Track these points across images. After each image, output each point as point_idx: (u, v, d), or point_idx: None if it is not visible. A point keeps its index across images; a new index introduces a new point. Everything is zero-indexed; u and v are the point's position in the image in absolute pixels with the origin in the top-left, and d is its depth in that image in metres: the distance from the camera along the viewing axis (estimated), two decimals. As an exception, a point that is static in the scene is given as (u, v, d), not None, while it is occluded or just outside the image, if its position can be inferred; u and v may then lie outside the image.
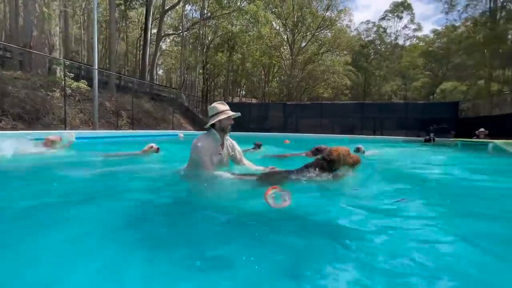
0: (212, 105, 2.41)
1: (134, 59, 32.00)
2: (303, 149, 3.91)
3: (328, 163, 2.09)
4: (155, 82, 25.05)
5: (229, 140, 2.53)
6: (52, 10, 10.75)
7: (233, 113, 2.39)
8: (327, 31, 30.13)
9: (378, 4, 65.73)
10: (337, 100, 32.93)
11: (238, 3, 24.92)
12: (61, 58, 11.56)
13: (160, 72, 44.69)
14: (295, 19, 27.78)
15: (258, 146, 4.60)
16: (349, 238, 1.14)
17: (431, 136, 10.34)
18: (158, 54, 27.67)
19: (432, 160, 4.20)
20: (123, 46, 32.22)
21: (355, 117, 17.32)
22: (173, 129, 15.69)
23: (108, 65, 24.44)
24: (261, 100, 34.89)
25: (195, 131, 16.97)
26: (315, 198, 1.77)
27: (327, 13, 28.30)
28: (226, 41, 27.44)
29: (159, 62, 37.36)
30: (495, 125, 12.12)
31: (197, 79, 28.20)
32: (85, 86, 10.90)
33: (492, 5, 23.70)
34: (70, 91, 10.62)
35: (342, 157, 2.10)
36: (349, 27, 34.64)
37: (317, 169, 2.09)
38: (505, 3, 23.36)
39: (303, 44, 29.34)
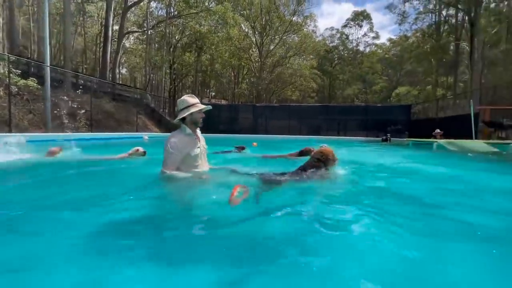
0: (182, 98, 2.34)
1: (94, 57, 29.85)
2: (271, 151, 4.09)
3: (324, 163, 2.33)
4: (117, 82, 23.61)
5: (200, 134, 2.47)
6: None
7: (204, 106, 2.33)
8: (294, 35, 31.08)
9: (341, 12, 69.58)
10: (304, 102, 34.14)
11: (206, 3, 24.59)
12: (5, 53, 10.35)
13: (124, 71, 42.24)
14: (263, 22, 28.22)
15: (241, 148, 4.71)
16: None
17: (388, 136, 11.23)
18: (121, 52, 26.11)
19: (386, 156, 4.57)
20: (81, 42, 29.87)
21: (321, 119, 18.15)
22: (137, 131, 14.93)
23: (63, 62, 22.44)
24: (231, 101, 34.76)
25: (162, 133, 16.32)
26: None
27: (294, 18, 29.19)
28: (194, 41, 26.85)
29: (122, 61, 35.30)
30: (439, 126, 13.52)
31: (163, 79, 27.18)
32: (35, 85, 9.88)
33: (437, 19, 26.49)
34: (16, 89, 9.54)
35: (332, 156, 2.38)
36: (315, 32, 36.14)
37: (314, 169, 2.30)
38: (447, 18, 26.27)
39: (272, 47, 29.89)
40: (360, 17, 37.57)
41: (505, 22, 21.32)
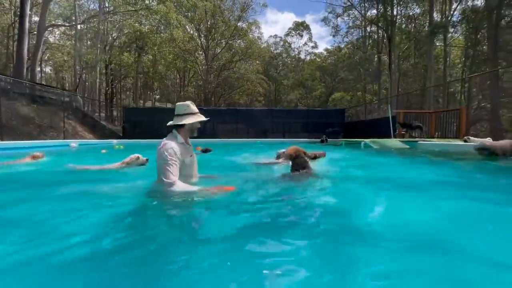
0: (185, 103, 2.22)
1: (6, 51, 25.12)
2: (217, 154, 4.15)
3: (313, 159, 2.79)
4: (38, 81, 20.31)
5: None
6: None
7: (204, 117, 2.24)
8: (240, 40, 31.56)
9: (284, 21, 73.52)
10: (252, 106, 34.85)
11: (146, 1, 23.11)
12: None
13: (48, 69, 36.62)
14: (209, 26, 27.93)
15: (207, 151, 4.75)
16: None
17: (324, 137, 12.26)
18: (43, 47, 22.61)
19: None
20: (-14, 33, 24.86)
21: (267, 122, 18.75)
22: (65, 138, 13.05)
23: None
24: (177, 105, 33.25)
25: (97, 140, 14.63)
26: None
27: (239, 24, 29.65)
28: (134, 41, 24.97)
29: (45, 58, 30.57)
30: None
31: (98, 80, 24.48)
32: None
33: (363, 33, 30.26)
34: None
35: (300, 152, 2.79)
36: (260, 39, 37.37)
37: (305, 168, 2.60)
38: (371, 34, 30.22)
39: (218, 50, 29.79)
40: (300, 27, 40.32)
41: (413, 40, 25.57)
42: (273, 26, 71.86)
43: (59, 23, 24.94)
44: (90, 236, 1.27)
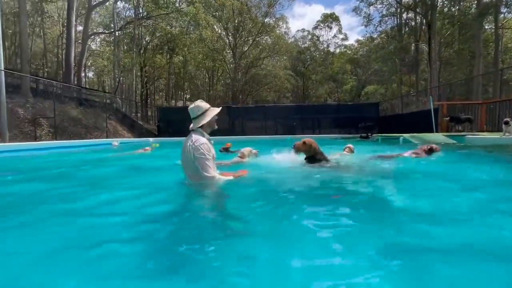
0: (196, 104, 2.30)
1: (56, 60, 27.89)
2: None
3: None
4: (83, 86, 22.27)
5: None
6: None
7: (218, 108, 2.35)
8: (267, 37, 31.44)
9: (312, 14, 71.50)
10: (279, 102, 34.63)
11: (177, 4, 24.05)
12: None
13: (91, 74, 39.93)
14: (236, 24, 28.22)
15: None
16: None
17: (368, 134, 11.59)
18: (87, 54, 24.68)
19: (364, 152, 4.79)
20: (39, 44, 27.77)
21: (296, 118, 18.52)
22: (107, 137, 14.19)
23: (20, 66, 20.66)
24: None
25: (135, 139, 15.68)
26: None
27: (266, 20, 29.54)
28: (165, 43, 26.13)
29: (88, 64, 33.36)
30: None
31: (134, 82, 26.12)
32: (-12, 91, 8.97)
33: (398, 21, 28.29)
34: (-35, 96, 8.62)
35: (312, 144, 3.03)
36: (287, 34, 36.87)
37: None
38: (408, 21, 28.17)
39: (245, 48, 29.99)
40: (329, 19, 38.98)
41: (457, 25, 23.33)
42: (300, 20, 70.39)
43: (100, 31, 27.04)
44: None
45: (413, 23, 27.34)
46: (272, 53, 31.65)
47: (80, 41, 21.65)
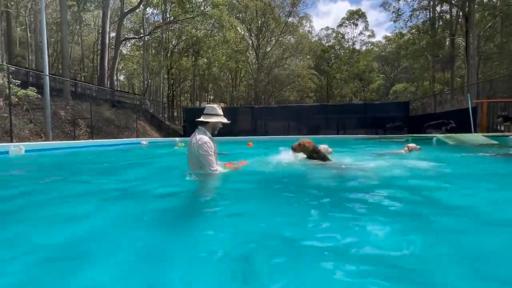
0: (213, 105, 2.69)
1: (92, 64, 29.96)
2: (267, 149, 4.38)
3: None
4: (116, 88, 23.69)
5: None
6: (-9, 10, 9.65)
7: (227, 120, 2.74)
8: (290, 36, 31.23)
9: (337, 11, 69.90)
10: (302, 102, 34.22)
11: (202, 8, 24.73)
12: (4, 64, 10.40)
13: (122, 77, 42.30)
14: (259, 24, 28.37)
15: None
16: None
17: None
18: (118, 58, 26.22)
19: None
20: (78, 50, 30.00)
21: (319, 118, 18.19)
22: (137, 137, 14.97)
23: (61, 71, 22.48)
24: (229, 104, 34.83)
25: (163, 138, 16.37)
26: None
27: (289, 19, 29.36)
28: (191, 46, 26.98)
29: (120, 67, 35.40)
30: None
31: (161, 84, 27.25)
32: (35, 94, 9.90)
33: (431, 15, 26.65)
34: (16, 99, 9.58)
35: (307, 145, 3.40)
36: (311, 33, 36.35)
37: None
38: (442, 14, 26.44)
39: (268, 49, 30.04)
40: (355, 16, 37.77)
41: (499, 16, 21.46)
42: (324, 18, 69.04)
43: (131, 36, 28.56)
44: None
45: (448, 16, 25.61)
46: (295, 53, 31.39)
47: (113, 46, 23.08)
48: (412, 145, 4.41)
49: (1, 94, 9.47)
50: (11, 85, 9.10)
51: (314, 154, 3.30)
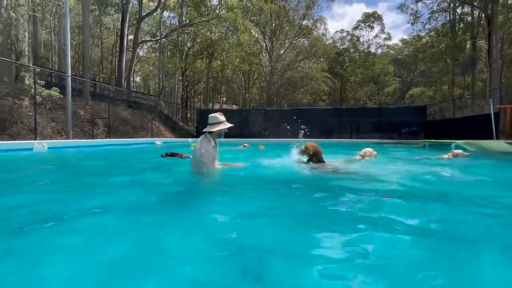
0: (214, 115, 3.03)
1: (110, 66, 31.00)
2: (277, 152, 4.50)
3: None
4: (132, 89, 24.42)
5: None
6: (20, 14, 10.25)
7: (230, 124, 3.05)
8: (304, 39, 31.15)
9: (353, 13, 69.11)
10: (316, 105, 33.96)
11: (217, 11, 25.15)
12: (31, 65, 10.99)
13: (138, 79, 43.50)
14: (273, 27, 28.49)
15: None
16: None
17: None
18: (135, 60, 27.06)
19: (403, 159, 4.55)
20: (97, 52, 31.17)
21: (333, 122, 18.02)
22: (152, 137, 15.35)
23: (81, 72, 23.45)
24: (242, 106, 35.11)
25: (176, 138, 16.70)
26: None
27: (303, 22, 29.32)
28: (205, 48, 27.46)
29: (136, 69, 36.47)
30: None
31: (176, 86, 27.84)
32: (57, 94, 10.39)
33: (451, 17, 25.86)
34: (40, 99, 10.09)
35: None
36: (325, 35, 36.13)
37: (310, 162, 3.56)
38: (463, 16, 25.61)
39: (282, 51, 30.08)
40: (371, 19, 37.24)
41: (524, 18, 20.57)
42: (340, 20, 68.41)
43: (147, 39, 29.40)
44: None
45: (469, 18, 24.76)
46: (309, 55, 31.28)
47: (130, 48, 23.85)
48: (458, 151, 4.20)
49: (27, 94, 10.01)
50: (36, 86, 9.60)
51: (314, 157, 3.54)
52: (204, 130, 3.05)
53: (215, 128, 2.97)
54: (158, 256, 1.03)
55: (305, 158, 3.64)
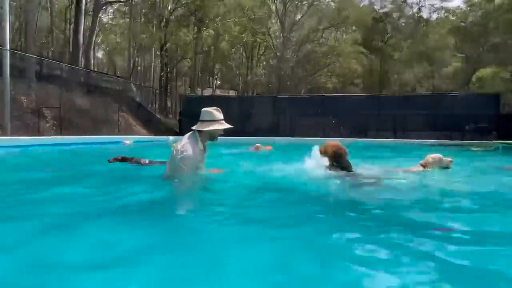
0: (209, 109, 3.09)
1: (63, 37, 31.37)
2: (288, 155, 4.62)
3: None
4: (92, 69, 24.67)
5: None
6: None
7: (229, 125, 3.10)
8: (329, 0, 31.13)
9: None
10: (345, 92, 33.84)
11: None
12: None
13: (100, 54, 44.03)
14: (287, -16, 28.57)
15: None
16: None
17: None
18: (97, 29, 27.35)
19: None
20: (45, 18, 31.50)
21: (369, 115, 17.88)
22: (119, 133, 15.48)
23: (24, 44, 23.78)
24: (242, 92, 35.18)
25: (151, 136, 16.80)
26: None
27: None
28: (192, 12, 27.63)
29: (98, 41, 36.87)
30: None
31: (153, 64, 28.06)
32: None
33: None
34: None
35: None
36: (359, -5, 36.07)
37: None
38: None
39: (298, 17, 30.09)
40: (423, -28, 37.08)
41: None
42: (378, -26, 68.07)
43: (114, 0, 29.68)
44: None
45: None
46: (336, 23, 31.19)
47: (90, 12, 24.13)
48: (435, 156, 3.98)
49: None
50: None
51: (336, 162, 3.58)
52: (193, 127, 3.11)
53: (208, 127, 3.02)
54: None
55: (327, 162, 3.67)
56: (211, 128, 3.00)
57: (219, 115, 3.08)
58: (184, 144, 2.99)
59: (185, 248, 1.49)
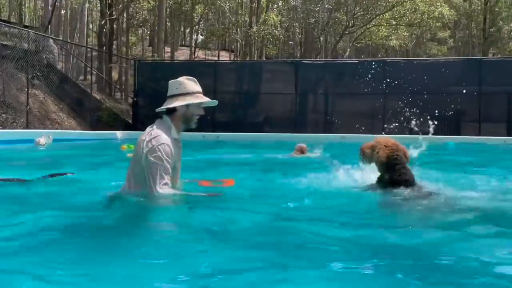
0: (178, 79, 3.43)
1: None
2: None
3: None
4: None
5: None
6: None
7: (208, 99, 3.48)
8: None
9: None
10: (420, 53, 33.83)
11: None
12: None
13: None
14: None
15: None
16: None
17: None
18: None
19: None
20: None
21: (463, 96, 17.74)
22: (27, 126, 15.49)
23: None
24: (243, 55, 35.17)
25: (85, 131, 16.85)
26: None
27: None
28: None
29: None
30: None
31: (86, 8, 28.18)
32: None
33: None
34: None
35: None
36: None
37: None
38: None
39: None
40: None
41: None
42: None
43: None
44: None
45: None
46: None
47: None
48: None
49: None
50: None
51: (388, 169, 3.77)
52: (159, 109, 3.43)
53: (180, 102, 3.30)
54: None
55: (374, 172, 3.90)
56: (184, 103, 3.26)
57: (195, 87, 3.39)
58: (150, 131, 3.23)
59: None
